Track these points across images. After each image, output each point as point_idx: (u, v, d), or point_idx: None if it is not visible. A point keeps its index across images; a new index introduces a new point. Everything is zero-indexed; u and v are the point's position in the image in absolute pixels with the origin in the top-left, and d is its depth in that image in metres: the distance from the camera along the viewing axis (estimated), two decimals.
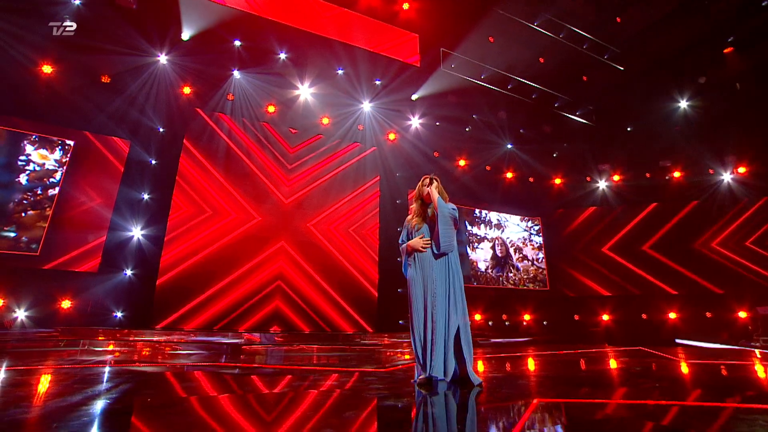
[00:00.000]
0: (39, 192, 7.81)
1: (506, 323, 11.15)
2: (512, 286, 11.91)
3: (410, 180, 11.03)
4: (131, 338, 6.52)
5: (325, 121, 10.18)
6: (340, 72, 9.52)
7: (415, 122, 10.86)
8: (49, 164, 7.97)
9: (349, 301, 9.57)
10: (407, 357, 5.65)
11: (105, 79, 8.07)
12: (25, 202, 7.70)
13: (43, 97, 7.75)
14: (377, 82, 9.89)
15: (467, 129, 11.13)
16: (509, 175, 12.48)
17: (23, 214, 7.66)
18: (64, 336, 6.51)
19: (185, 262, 8.48)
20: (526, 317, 11.44)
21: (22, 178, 7.75)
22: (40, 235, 7.70)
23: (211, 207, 8.93)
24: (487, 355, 6.10)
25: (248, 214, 9.21)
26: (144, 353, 5.66)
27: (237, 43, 8.62)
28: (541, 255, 12.60)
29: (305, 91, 9.70)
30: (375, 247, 10.28)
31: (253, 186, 9.39)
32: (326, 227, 9.88)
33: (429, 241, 3.39)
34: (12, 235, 7.55)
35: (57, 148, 8.05)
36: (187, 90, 8.82)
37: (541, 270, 12.44)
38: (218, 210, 8.97)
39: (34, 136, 7.92)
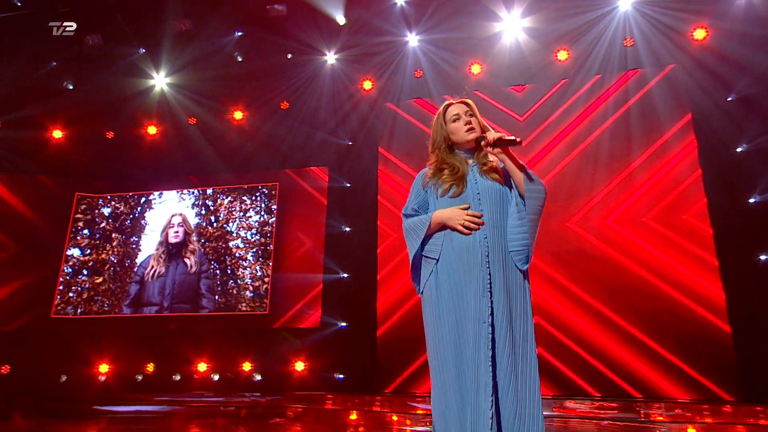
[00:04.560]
0: (260, 245, 7.41)
1: None
2: None
3: (751, 107, 5.70)
4: None
5: (562, 55, 6.35)
6: None
7: None
8: (264, 212, 7.54)
9: (669, 345, 5.33)
10: None
11: (284, 106, 7.14)
12: (251, 259, 7.40)
13: (240, 144, 7.43)
14: None
15: None
16: None
17: (250, 271, 7.37)
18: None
19: (405, 305, 6.38)
20: None
21: (244, 234, 7.51)
22: (266, 291, 7.26)
23: None
24: None
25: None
26: None
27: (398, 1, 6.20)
28: None
29: (514, 24, 6.24)
30: (708, 242, 5.55)
31: None
32: (598, 223, 5.95)
33: (480, 217, 1.78)
34: (248, 294, 7.32)
35: (266, 196, 7.56)
36: (367, 85, 6.94)
37: None
38: None
39: (246, 188, 7.67)
